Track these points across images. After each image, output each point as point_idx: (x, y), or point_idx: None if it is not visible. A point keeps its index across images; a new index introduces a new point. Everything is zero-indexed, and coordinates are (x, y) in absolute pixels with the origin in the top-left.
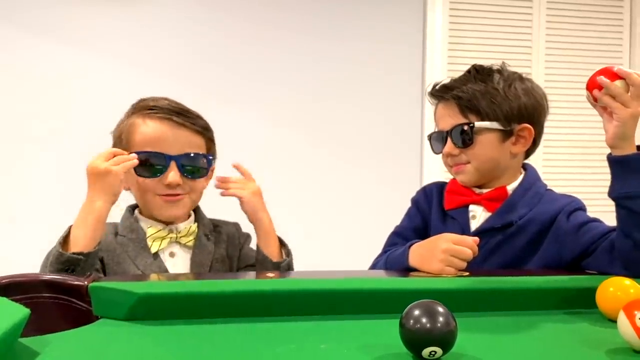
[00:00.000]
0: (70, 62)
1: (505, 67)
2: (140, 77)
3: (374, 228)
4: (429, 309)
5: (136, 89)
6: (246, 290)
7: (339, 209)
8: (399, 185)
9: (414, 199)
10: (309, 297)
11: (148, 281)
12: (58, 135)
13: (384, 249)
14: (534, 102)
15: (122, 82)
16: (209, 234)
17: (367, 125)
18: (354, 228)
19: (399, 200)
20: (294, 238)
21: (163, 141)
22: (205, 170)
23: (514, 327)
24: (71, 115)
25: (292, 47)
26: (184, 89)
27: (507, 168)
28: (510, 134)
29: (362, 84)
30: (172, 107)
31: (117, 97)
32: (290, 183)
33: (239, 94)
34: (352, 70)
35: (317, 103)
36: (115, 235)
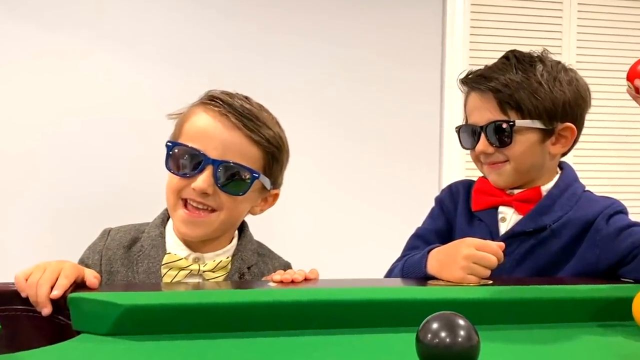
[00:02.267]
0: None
1: (547, 54)
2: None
3: (391, 230)
4: (448, 322)
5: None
6: (245, 302)
7: (350, 209)
8: (416, 182)
9: (438, 198)
10: (315, 309)
11: (135, 291)
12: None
13: (402, 253)
14: (578, 97)
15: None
16: (247, 272)
17: (382, 118)
18: (368, 230)
19: (416, 199)
20: (299, 240)
21: (209, 139)
22: (245, 187)
23: (543, 341)
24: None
25: (304, 35)
26: (190, 80)
27: (544, 169)
28: (551, 133)
29: (376, 74)
30: (235, 105)
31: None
32: (298, 179)
33: (249, 86)
34: (364, 59)
35: (327, 95)
36: (130, 247)
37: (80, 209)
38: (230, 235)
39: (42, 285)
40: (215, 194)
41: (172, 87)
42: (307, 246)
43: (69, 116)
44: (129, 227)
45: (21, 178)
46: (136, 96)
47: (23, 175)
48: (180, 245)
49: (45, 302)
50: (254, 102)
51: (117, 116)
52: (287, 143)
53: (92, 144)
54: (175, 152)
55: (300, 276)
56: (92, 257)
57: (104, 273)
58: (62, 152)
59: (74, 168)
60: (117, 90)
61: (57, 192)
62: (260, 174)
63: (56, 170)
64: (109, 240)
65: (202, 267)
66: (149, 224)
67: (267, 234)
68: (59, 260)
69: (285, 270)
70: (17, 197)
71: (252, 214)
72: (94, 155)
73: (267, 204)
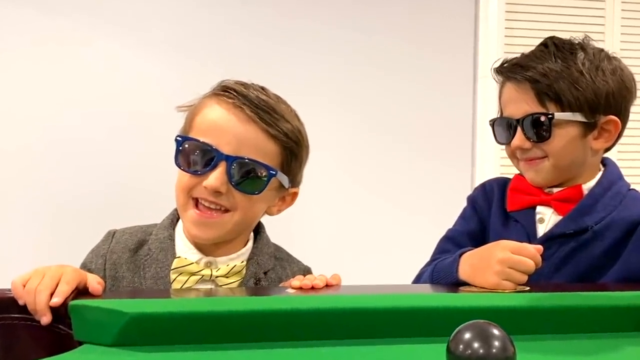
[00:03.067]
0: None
1: (589, 41)
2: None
3: (420, 232)
4: (482, 332)
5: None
6: (262, 310)
7: (375, 209)
8: (447, 180)
9: (470, 197)
10: (337, 318)
11: (142, 298)
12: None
13: (432, 257)
14: (622, 87)
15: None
16: (263, 278)
17: (409, 111)
18: (394, 232)
19: (447, 198)
20: (319, 243)
21: (222, 133)
22: (261, 185)
23: (584, 352)
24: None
25: (325, 21)
26: (201, 69)
27: (586, 166)
28: (593, 127)
29: (403, 63)
30: (251, 97)
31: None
32: (319, 177)
33: (265, 75)
34: (390, 47)
35: (350, 85)
36: (136, 250)
37: (82, 209)
38: (245, 237)
39: (41, 291)
40: (229, 192)
41: (181, 76)
42: (328, 249)
43: (69, 109)
44: (135, 228)
45: (17, 176)
46: (142, 87)
47: (19, 173)
48: (191, 249)
49: (44, 310)
50: (271, 93)
51: (122, 109)
52: (306, 137)
53: (94, 139)
54: (185, 147)
55: (321, 282)
56: (95, 262)
57: (108, 278)
58: (62, 147)
59: (74, 165)
60: (122, 80)
61: (57, 191)
62: (278, 171)
63: (55, 167)
64: (114, 243)
65: (214, 272)
66: (157, 226)
67: (285, 236)
68: (59, 265)
69: (304, 276)
70: (13, 196)
71: (268, 215)
72: (97, 151)
73: (285, 204)
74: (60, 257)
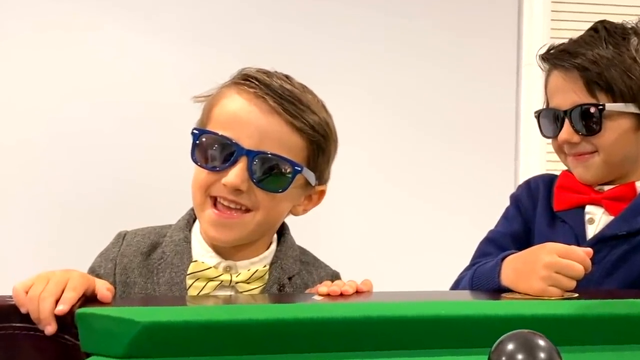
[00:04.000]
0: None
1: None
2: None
3: (458, 233)
4: (526, 342)
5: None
6: (286, 319)
7: (409, 208)
8: (488, 177)
9: (514, 196)
10: (368, 327)
11: (155, 306)
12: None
13: (472, 261)
14: None
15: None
16: (287, 283)
17: (447, 102)
18: (431, 233)
19: (488, 196)
20: (349, 246)
21: (243, 126)
22: (285, 182)
23: None
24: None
25: (355, 3)
26: (220, 56)
27: (639, 161)
28: None
29: (440, 50)
30: (274, 86)
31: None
32: (348, 173)
33: (290, 63)
34: (426, 32)
35: (383, 74)
36: (149, 254)
37: (90, 209)
38: (267, 239)
39: (45, 298)
40: (250, 190)
41: (198, 64)
42: (358, 253)
43: (75, 99)
44: (148, 230)
45: (18, 173)
46: (155, 75)
47: (20, 169)
48: (209, 252)
49: (48, 318)
50: (296, 83)
51: (132, 99)
52: (335, 131)
53: (102, 132)
54: (202, 141)
55: (351, 288)
56: (105, 266)
57: (118, 284)
58: (67, 141)
59: (80, 161)
60: (132, 69)
61: (62, 189)
62: (304, 167)
63: (60, 163)
64: (125, 246)
65: (234, 277)
66: (172, 227)
67: (311, 238)
68: (65, 270)
69: (332, 281)
70: (13, 195)
71: (293, 215)
72: (105, 145)
73: (312, 203)
74: (66, 261)
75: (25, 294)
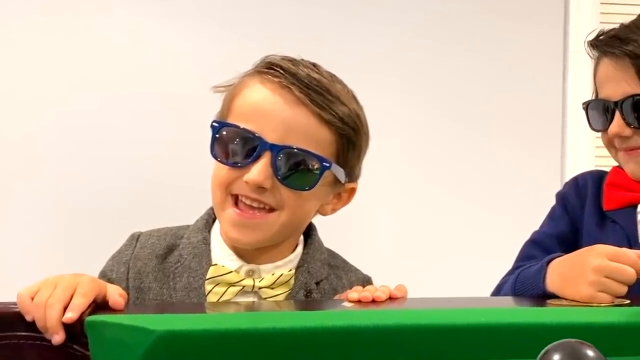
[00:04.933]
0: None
1: None
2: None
3: (500, 235)
4: (574, 353)
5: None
6: (313, 327)
7: (446, 208)
8: (533, 174)
9: (560, 194)
10: (403, 336)
11: (172, 313)
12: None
13: (515, 264)
14: None
15: None
16: (314, 289)
17: (488, 93)
18: (470, 235)
19: (532, 195)
20: (381, 248)
21: (266, 118)
22: (312, 179)
23: None
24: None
25: None
26: (242, 43)
27: None
28: None
29: (480, 36)
30: (300, 75)
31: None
32: (381, 170)
33: (317, 50)
34: (466, 16)
35: (418, 62)
36: (165, 257)
37: (100, 208)
38: (293, 241)
39: (52, 305)
40: (274, 188)
41: (218, 51)
42: (392, 255)
43: (84, 90)
44: (164, 231)
45: (23, 169)
46: (171, 64)
47: (25, 165)
48: (230, 255)
49: (56, 327)
50: (324, 71)
51: (147, 90)
52: (366, 123)
53: (114, 126)
54: (222, 135)
55: (384, 294)
56: (117, 270)
57: (131, 290)
58: (76, 135)
59: (91, 156)
60: (147, 56)
61: (70, 187)
62: (332, 162)
63: (68, 158)
64: (138, 248)
65: (257, 282)
66: (190, 228)
67: (340, 240)
68: (74, 274)
69: (364, 287)
70: (18, 193)
71: (321, 215)
72: (117, 139)
73: (341, 202)
74: (75, 265)
75: (31, 301)
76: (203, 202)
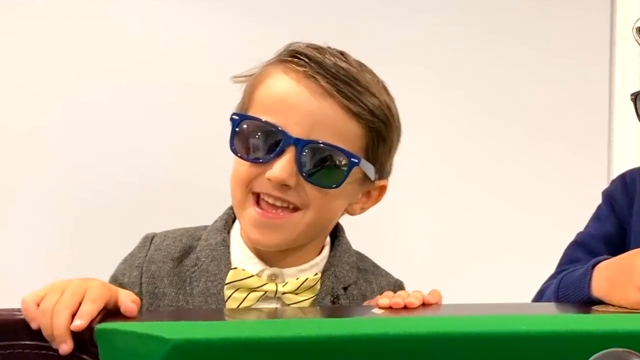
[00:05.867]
0: None
1: None
2: None
3: (541, 236)
4: None
5: None
6: (341, 336)
7: (484, 207)
8: (577, 171)
9: (606, 193)
10: (437, 345)
11: (188, 321)
12: None
13: (558, 268)
14: None
15: None
16: (342, 294)
17: (529, 84)
18: (509, 236)
19: (576, 193)
20: (414, 250)
21: (290, 110)
22: (340, 176)
23: None
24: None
25: None
26: (263, 29)
27: None
28: None
29: (520, 24)
30: (327, 64)
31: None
32: (414, 167)
33: (345, 37)
34: (505, 3)
35: (455, 51)
36: (181, 260)
37: (111, 208)
38: (319, 243)
39: (59, 312)
40: (299, 186)
41: (238, 38)
42: (425, 258)
43: (95, 80)
44: (180, 232)
45: (28, 165)
46: (188, 51)
47: (31, 161)
48: (251, 258)
49: (63, 335)
50: (353, 60)
51: (162, 79)
52: (397, 116)
53: (126, 118)
54: (243, 128)
55: (417, 300)
56: (129, 274)
57: (145, 295)
58: (85, 129)
59: (101, 152)
60: (162, 43)
61: (79, 184)
62: (361, 158)
63: (77, 153)
64: (153, 251)
65: (280, 287)
66: (208, 228)
67: (370, 241)
68: (83, 278)
69: (395, 292)
70: (23, 191)
71: (349, 214)
72: (130, 133)
73: (371, 201)
74: (84, 269)
75: (37, 307)
76: (222, 201)
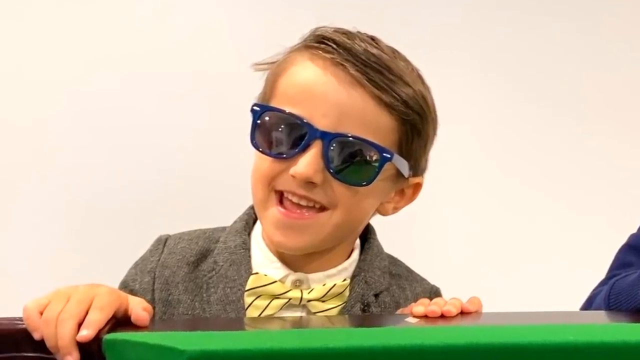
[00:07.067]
0: None
1: None
2: None
3: (592, 238)
4: None
5: None
6: (372, 347)
7: (530, 207)
8: (631, 169)
9: None
10: (478, 357)
11: (205, 330)
12: None
13: (609, 273)
14: None
15: None
16: (373, 302)
17: (580, 72)
18: (557, 239)
19: (630, 193)
20: (452, 254)
21: (317, 101)
22: (371, 173)
23: None
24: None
25: None
26: (287, 12)
27: None
28: None
29: (570, 6)
30: (357, 50)
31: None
32: (452, 163)
33: (376, 21)
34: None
35: (499, 37)
36: (198, 264)
37: (122, 207)
38: (348, 246)
39: (64, 321)
40: (326, 183)
41: (259, 22)
42: (464, 263)
43: (104, 69)
44: (196, 234)
45: (32, 161)
46: (205, 38)
47: (34, 156)
48: (274, 262)
49: (69, 346)
50: (384, 46)
51: (177, 69)
52: (434, 108)
53: (138, 110)
54: (265, 120)
55: (455, 308)
56: (141, 279)
57: (158, 303)
58: (93, 121)
59: (110, 145)
60: (176, 29)
61: (86, 181)
62: (394, 153)
63: (84, 148)
64: (166, 254)
65: (306, 294)
66: (226, 230)
67: (404, 244)
68: (90, 284)
69: (431, 299)
70: (26, 188)
71: (381, 215)
72: (142, 125)
73: (405, 199)
74: (91, 274)
75: (40, 316)
76: (242, 200)
